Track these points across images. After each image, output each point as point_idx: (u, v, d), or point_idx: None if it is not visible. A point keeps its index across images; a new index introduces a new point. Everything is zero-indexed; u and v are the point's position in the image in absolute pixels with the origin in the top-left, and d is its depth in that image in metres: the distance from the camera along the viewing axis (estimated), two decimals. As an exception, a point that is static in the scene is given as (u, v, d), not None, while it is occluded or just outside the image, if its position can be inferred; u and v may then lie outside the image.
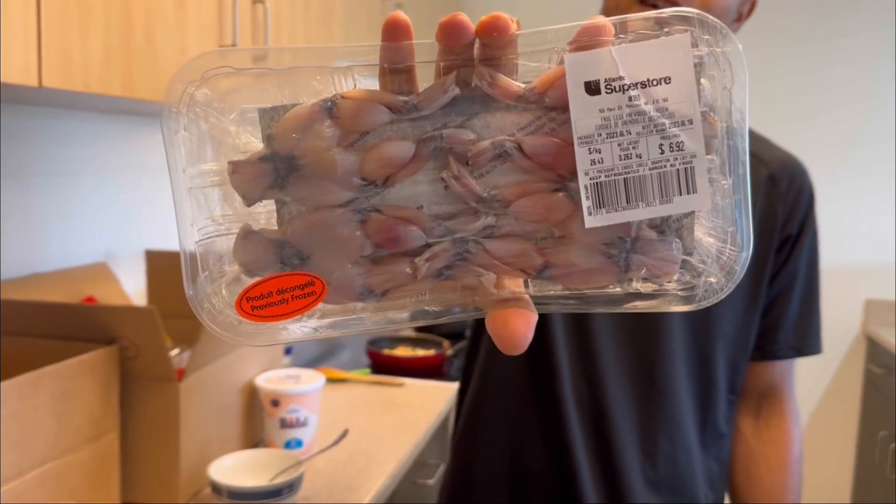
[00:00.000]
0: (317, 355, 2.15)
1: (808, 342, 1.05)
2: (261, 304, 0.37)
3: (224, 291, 0.38)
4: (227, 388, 1.28)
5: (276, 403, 1.31)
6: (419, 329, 2.28)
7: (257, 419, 1.39)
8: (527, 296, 0.37)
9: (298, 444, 1.33)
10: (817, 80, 2.87)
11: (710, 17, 0.35)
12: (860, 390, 2.96)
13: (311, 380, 1.35)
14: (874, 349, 2.86)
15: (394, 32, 0.35)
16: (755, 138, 1.04)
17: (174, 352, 1.30)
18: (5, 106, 1.28)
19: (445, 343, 2.09)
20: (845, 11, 2.83)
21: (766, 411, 1.07)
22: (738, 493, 1.07)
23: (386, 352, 2.03)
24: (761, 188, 0.99)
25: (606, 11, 0.94)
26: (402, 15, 0.35)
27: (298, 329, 0.39)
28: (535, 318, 0.36)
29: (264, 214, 0.37)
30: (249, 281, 0.37)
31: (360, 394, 1.77)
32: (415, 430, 1.53)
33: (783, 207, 0.99)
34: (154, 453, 1.14)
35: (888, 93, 2.83)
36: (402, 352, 2.07)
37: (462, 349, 2.07)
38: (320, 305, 0.37)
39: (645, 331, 0.98)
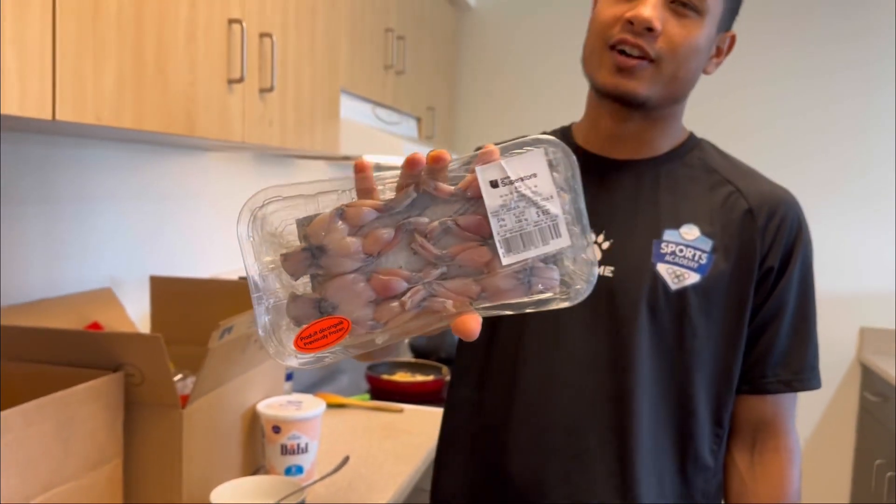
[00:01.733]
0: (316, 380, 2.16)
1: (801, 377, 1.03)
2: (310, 341, 0.62)
3: (283, 336, 0.62)
4: (230, 414, 1.30)
5: (277, 430, 1.32)
6: (418, 355, 2.30)
7: (258, 445, 1.40)
8: (472, 310, 0.62)
9: (299, 470, 1.34)
10: (816, 112, 2.92)
11: (552, 137, 0.61)
12: (856, 418, 2.98)
13: (312, 406, 1.36)
14: (869, 377, 2.88)
15: (360, 168, 0.61)
16: (742, 173, 1.05)
17: (177, 377, 1.31)
18: (12, 135, 1.30)
19: (444, 369, 2.10)
20: (845, 41, 2.88)
21: (761, 447, 1.05)
22: None
23: (385, 377, 2.04)
24: (738, 222, 1.00)
25: (588, 42, 1.01)
26: (363, 160, 0.62)
27: (335, 353, 0.63)
28: (480, 319, 0.62)
29: (301, 286, 0.62)
30: (298, 329, 0.61)
31: (360, 419, 1.78)
32: (414, 457, 1.54)
33: (762, 241, 1.00)
34: (157, 479, 1.15)
35: (885, 123, 2.88)
36: (402, 377, 2.07)
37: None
38: (346, 337, 0.62)
39: (614, 362, 1.00)
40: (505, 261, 0.62)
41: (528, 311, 0.64)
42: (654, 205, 1.02)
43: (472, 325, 0.61)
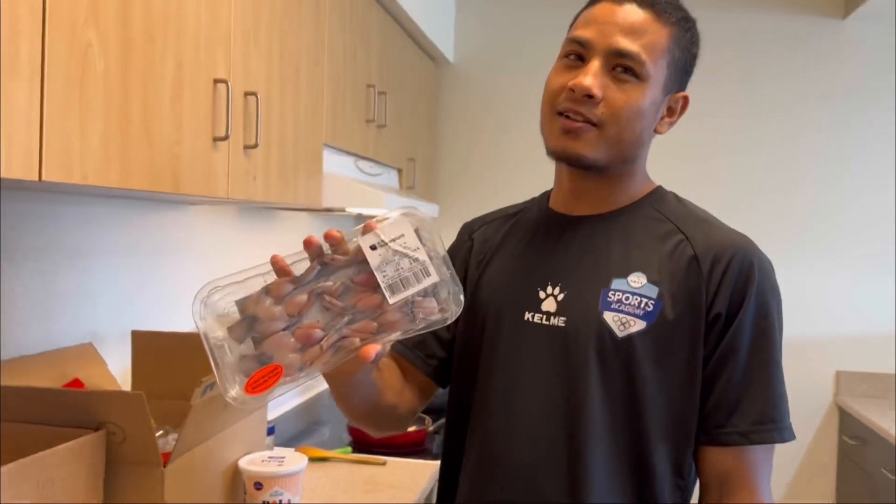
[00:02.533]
0: (298, 433, 2.14)
1: (760, 428, 0.99)
2: (255, 385, 0.84)
3: (237, 387, 0.84)
4: (212, 471, 1.29)
5: (259, 486, 1.31)
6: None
7: (240, 502, 1.38)
8: (374, 340, 0.85)
9: (281, 527, 1.33)
10: (789, 155, 3.00)
11: (411, 208, 0.88)
12: (835, 462, 2.99)
13: (294, 461, 1.36)
14: (846, 420, 2.91)
15: (275, 260, 0.86)
16: (695, 221, 1.07)
17: (158, 433, 1.30)
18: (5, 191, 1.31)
19: (427, 420, 2.10)
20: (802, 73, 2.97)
21: (727, 501, 1.00)
22: None
23: (366, 429, 2.02)
24: (685, 270, 1.01)
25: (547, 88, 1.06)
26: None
27: (278, 390, 0.84)
28: (379, 347, 0.85)
29: (245, 348, 0.85)
30: (247, 379, 0.84)
31: (342, 473, 1.76)
32: (397, 511, 1.53)
33: (707, 287, 1.00)
34: (137, 539, 1.13)
35: (858, 167, 2.96)
36: (384, 428, 2.06)
37: (442, 425, 2.07)
38: (282, 378, 0.84)
39: (568, 413, 1.01)
40: (391, 300, 0.84)
41: (418, 332, 0.87)
42: (605, 255, 1.05)
43: (371, 351, 0.84)
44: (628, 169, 1.08)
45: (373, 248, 0.84)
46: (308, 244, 0.85)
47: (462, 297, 0.87)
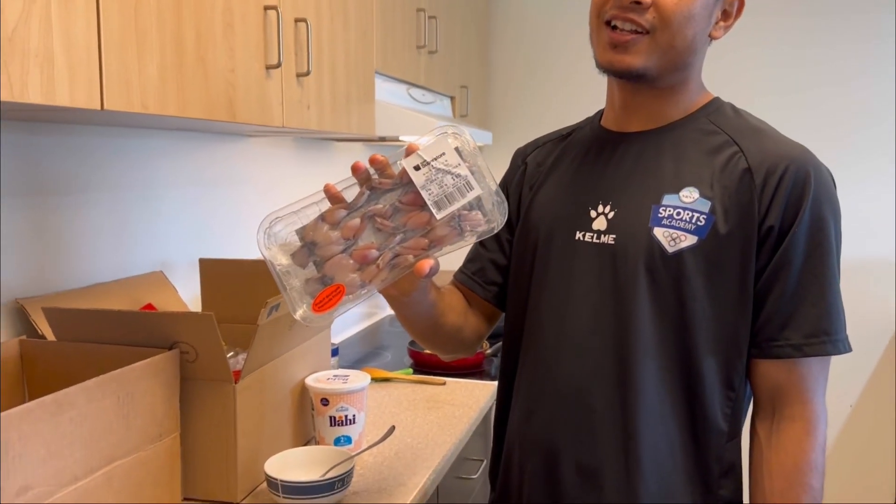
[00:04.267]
0: (361, 356, 2.21)
1: (814, 341, 0.98)
2: (321, 305, 0.91)
3: (305, 307, 0.92)
4: (280, 388, 1.35)
5: (325, 402, 1.37)
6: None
7: (308, 417, 1.45)
8: (426, 256, 0.91)
9: (347, 440, 1.39)
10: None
11: (451, 124, 0.91)
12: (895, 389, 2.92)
13: (358, 379, 1.41)
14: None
15: (354, 170, 0.92)
16: (750, 132, 1.04)
17: (228, 354, 1.36)
18: (68, 126, 1.36)
19: (485, 343, 2.13)
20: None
21: (780, 415, 1.00)
22: (750, 499, 1.05)
23: (427, 352, 2.08)
24: (737, 183, 0.99)
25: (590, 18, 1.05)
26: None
27: (342, 308, 0.92)
28: (433, 261, 0.91)
29: (308, 272, 0.92)
30: (312, 300, 0.91)
31: (404, 392, 1.82)
32: (457, 427, 1.58)
33: (759, 200, 0.98)
34: (213, 451, 1.20)
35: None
36: (443, 352, 2.11)
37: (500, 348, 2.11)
38: (345, 296, 0.91)
39: (617, 326, 1.02)
40: (438, 216, 0.89)
41: (468, 244, 0.95)
42: (657, 171, 1.04)
43: (425, 266, 0.90)
44: (681, 79, 1.05)
45: (416, 168, 0.89)
46: (355, 169, 0.91)
47: (506, 206, 0.92)
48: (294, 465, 1.23)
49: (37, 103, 0.85)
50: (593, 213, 1.06)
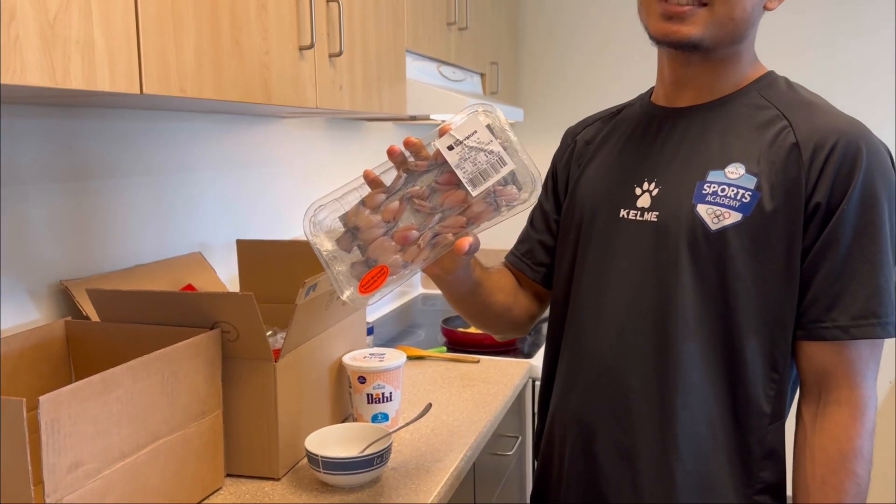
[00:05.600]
0: (395, 335, 2.23)
1: (863, 323, 0.94)
2: (367, 286, 0.94)
3: (353, 289, 0.94)
4: (318, 366, 1.37)
5: (362, 380, 1.39)
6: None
7: (346, 395, 1.47)
8: (465, 233, 0.92)
9: (385, 417, 1.41)
10: None
11: (482, 101, 0.92)
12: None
13: (394, 357, 1.42)
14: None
15: (390, 154, 0.93)
16: (801, 106, 1.00)
17: (267, 333, 1.38)
18: (108, 111, 1.38)
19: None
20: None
21: (826, 398, 0.97)
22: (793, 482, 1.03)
23: (461, 330, 2.09)
24: (784, 158, 0.96)
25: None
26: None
27: (387, 288, 0.94)
28: (472, 238, 0.92)
29: (353, 256, 0.94)
30: (358, 282, 0.94)
31: (439, 370, 1.84)
32: (492, 404, 1.59)
33: (807, 176, 0.95)
34: (255, 428, 1.22)
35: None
36: (477, 330, 2.12)
37: (534, 327, 2.11)
38: (389, 277, 0.93)
39: (657, 305, 1.01)
40: (474, 193, 0.91)
41: (505, 219, 0.94)
42: (703, 147, 1.02)
43: (465, 243, 0.91)
44: (735, 51, 1.02)
45: (450, 148, 0.90)
46: (391, 153, 0.92)
47: (541, 179, 0.94)
48: (333, 441, 1.25)
49: (79, 89, 0.86)
50: (638, 191, 1.05)
